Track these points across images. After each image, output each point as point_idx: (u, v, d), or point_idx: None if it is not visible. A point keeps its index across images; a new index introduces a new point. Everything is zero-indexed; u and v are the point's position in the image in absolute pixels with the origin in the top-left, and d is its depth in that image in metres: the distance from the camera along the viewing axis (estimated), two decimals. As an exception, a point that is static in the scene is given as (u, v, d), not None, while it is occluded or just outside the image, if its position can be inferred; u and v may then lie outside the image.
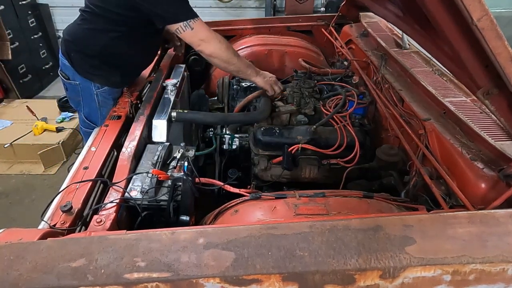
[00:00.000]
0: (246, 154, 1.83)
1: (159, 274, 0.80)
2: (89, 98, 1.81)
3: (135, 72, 1.95)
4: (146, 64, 1.97)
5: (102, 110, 1.83)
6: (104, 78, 1.76)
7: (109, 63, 1.74)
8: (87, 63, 1.74)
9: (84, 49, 1.71)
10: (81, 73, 1.76)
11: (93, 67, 1.74)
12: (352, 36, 2.36)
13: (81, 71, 1.75)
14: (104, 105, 1.82)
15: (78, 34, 1.72)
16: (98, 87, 1.77)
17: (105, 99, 1.81)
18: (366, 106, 1.83)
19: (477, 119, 1.32)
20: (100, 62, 1.73)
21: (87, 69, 1.75)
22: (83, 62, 1.74)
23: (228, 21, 2.75)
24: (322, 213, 1.15)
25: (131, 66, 1.83)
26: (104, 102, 1.81)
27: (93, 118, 1.89)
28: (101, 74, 1.76)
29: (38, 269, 0.81)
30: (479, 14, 0.87)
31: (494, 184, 1.09)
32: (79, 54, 1.73)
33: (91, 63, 1.74)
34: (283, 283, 0.82)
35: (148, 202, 1.18)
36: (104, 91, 1.78)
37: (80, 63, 1.74)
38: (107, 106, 1.81)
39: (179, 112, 1.62)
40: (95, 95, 1.79)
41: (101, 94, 1.79)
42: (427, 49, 1.54)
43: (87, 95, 1.80)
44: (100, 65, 1.74)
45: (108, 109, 1.80)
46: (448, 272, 0.84)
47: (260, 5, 5.05)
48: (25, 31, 4.23)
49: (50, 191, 2.88)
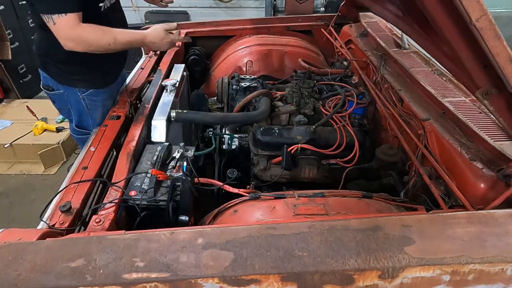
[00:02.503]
0: (246, 154, 1.83)
1: (158, 274, 0.80)
2: (77, 104, 1.75)
3: (116, 64, 1.85)
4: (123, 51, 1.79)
5: (92, 113, 1.77)
6: (85, 81, 1.70)
7: (82, 64, 1.66)
8: (63, 71, 1.68)
9: (53, 58, 1.65)
10: (62, 81, 1.70)
11: (70, 73, 1.68)
12: (351, 36, 2.36)
13: (61, 80, 1.70)
14: (93, 108, 1.75)
15: (42, 46, 1.66)
16: (83, 91, 1.71)
17: (92, 102, 1.74)
18: (366, 106, 1.83)
19: (476, 119, 1.32)
20: (74, 66, 1.66)
21: (66, 76, 1.69)
22: (59, 71, 1.68)
23: (228, 21, 2.75)
24: (321, 213, 1.15)
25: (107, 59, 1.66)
26: (92, 105, 1.75)
27: (84, 124, 1.82)
28: (81, 78, 1.69)
29: (37, 269, 0.81)
30: (478, 14, 0.87)
31: (493, 184, 1.09)
32: (52, 63, 1.67)
33: (67, 70, 1.67)
34: (282, 283, 0.82)
35: (147, 202, 1.18)
36: (90, 94, 1.72)
37: (58, 72, 1.69)
38: (96, 109, 1.75)
39: (179, 112, 1.62)
40: (82, 100, 1.73)
41: (87, 98, 1.73)
42: (426, 49, 1.54)
43: (74, 101, 1.74)
44: (75, 69, 1.67)
45: (98, 111, 1.75)
46: (447, 272, 0.84)
47: (260, 5, 5.05)
48: (25, 31, 4.22)
49: (50, 191, 2.88)
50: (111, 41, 1.52)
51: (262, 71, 2.36)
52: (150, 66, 2.12)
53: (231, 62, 2.44)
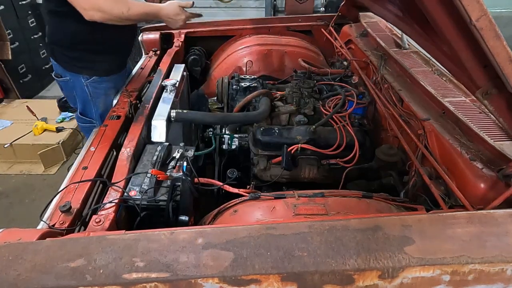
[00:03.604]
0: (246, 154, 1.83)
1: (158, 274, 0.80)
2: (81, 91, 1.82)
3: (119, 54, 1.91)
4: (125, 41, 1.91)
5: (95, 101, 1.84)
6: (89, 68, 1.77)
7: (87, 51, 1.74)
8: (69, 57, 1.76)
9: (59, 43, 1.74)
10: (68, 68, 1.78)
11: (75, 59, 1.76)
12: (351, 36, 2.36)
13: (67, 66, 1.78)
14: (96, 95, 1.82)
15: (50, 32, 1.75)
16: (87, 78, 1.78)
17: (95, 89, 1.81)
18: (366, 106, 1.83)
19: (476, 119, 1.32)
20: (79, 52, 1.74)
21: (71, 63, 1.77)
22: (65, 57, 1.76)
23: (228, 21, 2.74)
24: (321, 213, 1.15)
25: (110, 47, 1.78)
26: (95, 93, 1.82)
27: (87, 112, 1.90)
28: (85, 65, 1.77)
29: (37, 269, 0.81)
30: (478, 14, 0.87)
31: (493, 184, 1.09)
32: (59, 50, 1.76)
33: (72, 56, 1.75)
34: (282, 283, 0.82)
35: (147, 202, 1.18)
36: (93, 81, 1.79)
37: (63, 59, 1.77)
38: (99, 97, 1.82)
39: (179, 112, 1.62)
40: (85, 87, 1.80)
41: (91, 85, 1.80)
42: (426, 49, 1.54)
43: (79, 88, 1.82)
44: (80, 56, 1.75)
45: (100, 100, 1.81)
46: (447, 272, 0.84)
47: (260, 5, 5.06)
48: (25, 31, 4.23)
49: (50, 191, 2.88)
50: (124, 9, 1.54)
51: (262, 71, 2.36)
52: (150, 66, 2.12)
53: (231, 62, 2.44)
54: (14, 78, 3.95)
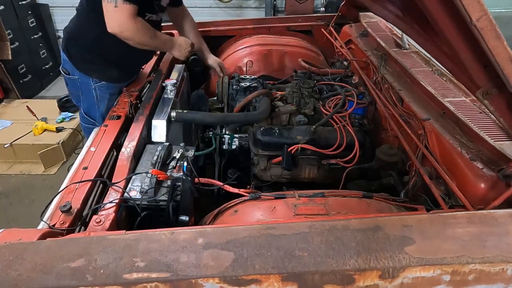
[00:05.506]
0: (246, 154, 1.83)
1: (158, 274, 0.80)
2: (88, 93, 1.84)
3: (132, 67, 1.95)
4: (143, 58, 1.97)
5: (100, 104, 1.86)
6: (101, 72, 1.80)
7: (104, 57, 1.78)
8: (83, 58, 1.78)
9: (79, 43, 1.77)
10: (79, 67, 1.80)
11: (89, 62, 1.79)
12: (351, 36, 2.36)
13: (79, 65, 1.80)
14: (102, 99, 1.85)
15: (73, 29, 1.78)
16: (96, 82, 1.81)
17: (102, 93, 1.84)
18: (366, 106, 1.83)
19: (476, 119, 1.32)
20: (95, 56, 1.77)
21: (84, 64, 1.79)
22: (80, 57, 1.79)
23: (228, 21, 2.75)
24: (322, 213, 1.15)
25: (126, 60, 1.83)
26: (102, 97, 1.84)
27: (91, 113, 1.92)
28: (98, 69, 1.80)
29: (37, 269, 0.81)
30: (478, 14, 0.87)
31: (493, 184, 1.09)
32: (75, 49, 1.78)
33: (87, 58, 1.78)
34: (282, 283, 0.82)
35: (148, 202, 1.18)
36: (102, 85, 1.82)
37: (78, 58, 1.79)
38: (104, 101, 1.84)
39: (179, 112, 1.62)
40: (93, 90, 1.83)
41: (99, 89, 1.82)
42: (426, 49, 1.54)
43: (86, 89, 1.84)
44: (96, 59, 1.78)
45: (105, 104, 1.83)
46: (447, 272, 0.84)
47: (260, 5, 5.05)
48: (25, 31, 4.23)
49: (50, 191, 2.88)
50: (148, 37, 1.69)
51: (262, 71, 2.36)
52: (150, 66, 2.12)
53: (231, 62, 2.44)
54: (14, 78, 3.94)
